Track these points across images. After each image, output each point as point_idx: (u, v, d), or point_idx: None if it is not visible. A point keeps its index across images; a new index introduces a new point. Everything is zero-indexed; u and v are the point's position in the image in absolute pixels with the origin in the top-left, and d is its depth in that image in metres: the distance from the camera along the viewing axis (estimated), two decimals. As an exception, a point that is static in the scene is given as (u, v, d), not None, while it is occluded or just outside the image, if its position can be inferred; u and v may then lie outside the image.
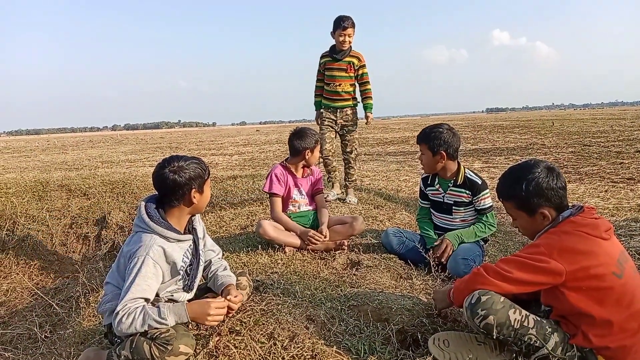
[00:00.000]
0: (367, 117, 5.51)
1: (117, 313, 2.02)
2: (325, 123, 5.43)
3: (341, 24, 5.08)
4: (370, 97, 5.46)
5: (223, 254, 2.80)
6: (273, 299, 2.55)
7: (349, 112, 5.42)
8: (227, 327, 2.25)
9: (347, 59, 5.29)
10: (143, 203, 2.28)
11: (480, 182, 3.40)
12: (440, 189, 3.52)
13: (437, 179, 3.54)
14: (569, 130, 19.06)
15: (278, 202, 3.80)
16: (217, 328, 2.25)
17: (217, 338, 2.20)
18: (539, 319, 1.96)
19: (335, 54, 5.28)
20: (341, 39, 5.13)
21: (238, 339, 2.19)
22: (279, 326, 2.27)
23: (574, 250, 1.88)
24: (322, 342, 2.19)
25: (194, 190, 2.25)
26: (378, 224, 4.45)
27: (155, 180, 2.24)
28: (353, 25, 5.13)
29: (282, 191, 3.82)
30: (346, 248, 3.61)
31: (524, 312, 1.94)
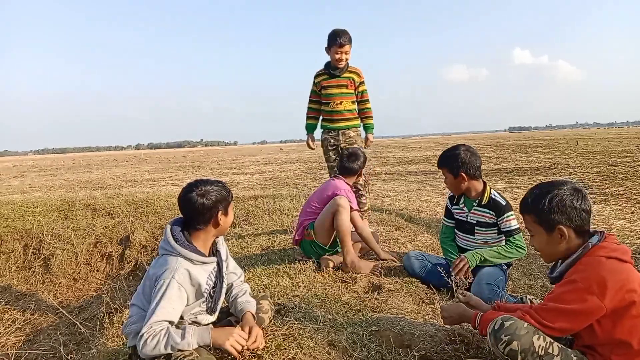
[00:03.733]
0: (366, 140, 5.07)
1: (142, 335, 2.04)
2: (329, 147, 5.01)
3: (337, 40, 4.68)
4: (371, 117, 5.06)
5: (245, 276, 2.82)
6: (294, 323, 2.55)
7: (352, 133, 4.96)
8: (249, 352, 2.26)
9: (347, 74, 4.90)
10: (169, 226, 2.33)
11: (504, 204, 3.37)
12: (464, 208, 3.50)
13: (462, 198, 3.52)
14: (594, 150, 18.78)
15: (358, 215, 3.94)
16: (239, 353, 2.25)
17: (239, 363, 2.21)
18: (563, 347, 1.92)
19: (332, 70, 4.88)
20: (337, 56, 4.75)
21: (260, 364, 2.20)
22: (301, 351, 2.27)
23: (612, 280, 1.82)
24: (344, 368, 2.18)
25: (220, 212, 2.31)
26: (399, 247, 4.43)
27: (182, 203, 2.31)
28: (350, 41, 4.75)
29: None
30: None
31: (548, 338, 1.90)
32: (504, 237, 3.44)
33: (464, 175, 3.35)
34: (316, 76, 5.00)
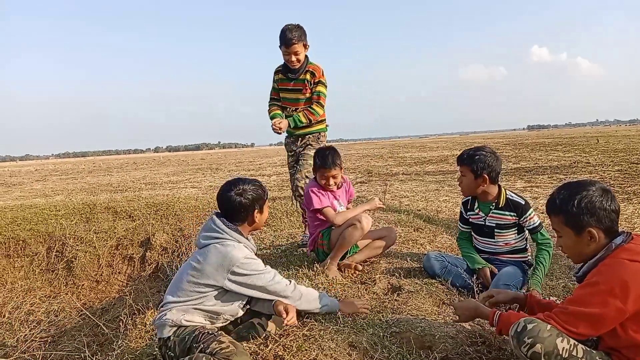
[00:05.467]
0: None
1: (287, 286, 2.46)
2: (289, 153, 4.68)
3: (283, 39, 4.11)
4: (309, 119, 4.35)
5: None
6: (315, 325, 2.57)
7: (310, 140, 4.49)
8: (271, 353, 2.28)
9: (302, 76, 4.31)
10: (213, 215, 2.49)
11: (523, 203, 3.36)
12: (480, 213, 3.47)
13: (476, 203, 3.49)
14: (615, 148, 18.50)
15: (331, 210, 3.75)
16: (262, 353, 2.28)
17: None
18: (588, 349, 1.90)
19: (289, 72, 4.32)
20: (286, 57, 4.20)
21: (283, 364, 2.22)
22: (322, 352, 2.28)
23: (635, 283, 1.80)
24: (365, 369, 2.19)
25: (256, 211, 2.49)
26: (418, 248, 4.41)
27: (222, 201, 2.47)
28: (301, 39, 4.14)
29: (329, 203, 3.79)
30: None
31: (572, 340, 1.88)
32: (525, 236, 3.44)
33: (486, 177, 3.30)
34: (275, 72, 4.47)
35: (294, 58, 4.16)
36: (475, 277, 3.30)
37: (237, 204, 2.42)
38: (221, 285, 2.34)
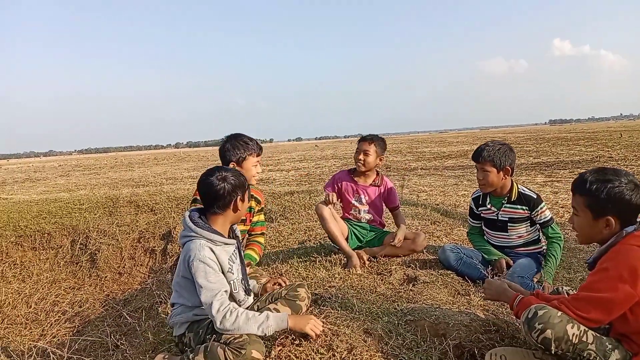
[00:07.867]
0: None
1: (218, 312, 2.17)
2: None
3: (256, 147, 3.35)
4: (257, 252, 3.40)
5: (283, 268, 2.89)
6: (331, 312, 2.63)
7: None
8: (288, 340, 2.34)
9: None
10: (187, 213, 2.42)
11: (535, 196, 3.40)
12: (492, 208, 3.51)
13: (488, 198, 3.53)
14: (639, 142, 18.17)
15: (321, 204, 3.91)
16: (279, 339, 2.34)
17: (280, 348, 2.30)
18: (598, 335, 1.93)
19: None
20: (251, 172, 3.30)
21: (299, 350, 2.28)
22: (337, 338, 2.33)
23: None
24: (380, 355, 2.24)
25: (239, 197, 2.41)
26: (435, 240, 4.45)
27: (203, 187, 2.39)
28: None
29: (331, 191, 3.99)
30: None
31: (582, 327, 1.91)
32: (537, 229, 3.47)
33: (509, 169, 3.34)
34: None
35: (260, 169, 3.41)
36: (490, 269, 3.33)
37: (219, 190, 2.34)
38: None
